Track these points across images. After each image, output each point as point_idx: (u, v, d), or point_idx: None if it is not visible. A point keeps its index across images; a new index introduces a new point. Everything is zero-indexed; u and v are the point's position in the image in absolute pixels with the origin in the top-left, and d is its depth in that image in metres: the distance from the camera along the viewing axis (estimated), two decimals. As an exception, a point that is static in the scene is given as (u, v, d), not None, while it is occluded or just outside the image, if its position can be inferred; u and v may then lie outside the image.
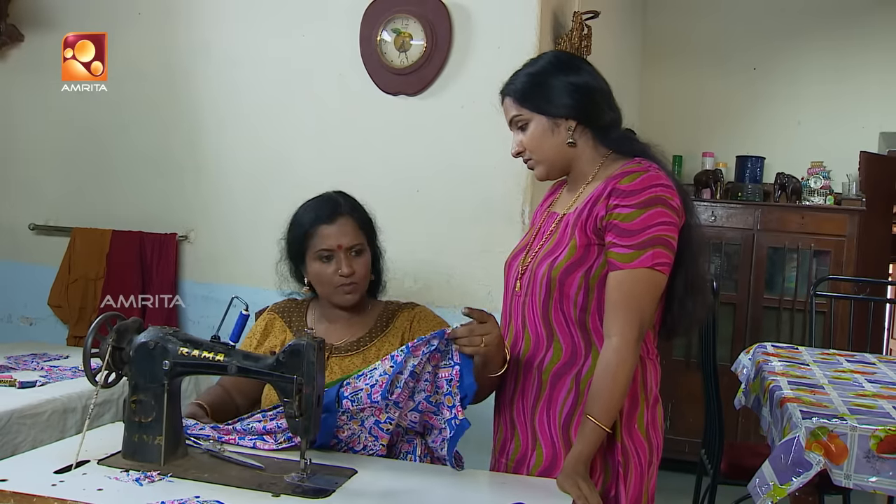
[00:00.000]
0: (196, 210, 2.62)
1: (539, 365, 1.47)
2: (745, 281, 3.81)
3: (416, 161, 2.38)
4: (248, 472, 1.35)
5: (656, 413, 1.49)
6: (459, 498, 1.35)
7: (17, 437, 1.73)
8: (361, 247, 1.66)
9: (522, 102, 1.48)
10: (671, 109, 4.34)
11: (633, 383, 1.43)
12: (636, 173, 1.40)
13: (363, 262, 1.66)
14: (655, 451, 1.48)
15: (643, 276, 1.37)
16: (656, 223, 1.37)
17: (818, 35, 4.17)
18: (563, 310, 1.44)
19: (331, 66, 2.46)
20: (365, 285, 1.68)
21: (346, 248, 1.63)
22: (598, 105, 1.48)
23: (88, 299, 2.65)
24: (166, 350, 1.37)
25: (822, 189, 3.81)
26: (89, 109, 2.71)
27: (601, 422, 1.36)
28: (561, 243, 1.45)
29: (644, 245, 1.37)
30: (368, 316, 1.71)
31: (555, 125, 1.47)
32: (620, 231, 1.38)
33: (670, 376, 3.69)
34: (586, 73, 1.49)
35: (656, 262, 1.37)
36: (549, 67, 1.48)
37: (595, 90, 1.48)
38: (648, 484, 1.48)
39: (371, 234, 1.71)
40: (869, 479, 1.68)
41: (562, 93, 1.46)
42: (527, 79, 1.48)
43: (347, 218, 1.66)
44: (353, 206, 1.70)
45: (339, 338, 1.67)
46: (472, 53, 2.31)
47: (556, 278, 1.43)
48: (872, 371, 2.43)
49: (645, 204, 1.37)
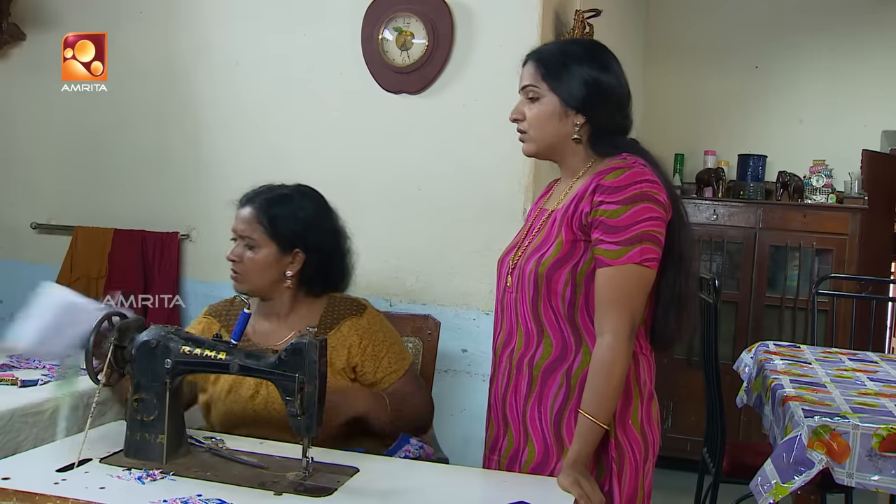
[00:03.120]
0: (198, 209, 2.62)
1: (530, 361, 1.47)
2: (746, 279, 3.81)
3: (417, 160, 2.38)
4: (249, 470, 1.35)
5: (651, 408, 1.49)
6: (461, 496, 1.35)
7: (19, 436, 1.73)
8: (253, 242, 1.63)
9: (545, 75, 1.46)
10: (673, 108, 4.33)
11: (626, 379, 1.43)
12: (620, 169, 1.40)
13: (253, 257, 1.63)
14: (651, 447, 1.48)
15: (632, 272, 1.37)
16: (643, 219, 1.37)
17: (820, 33, 4.15)
18: (552, 305, 1.44)
19: (332, 64, 2.46)
20: (257, 280, 1.64)
21: (239, 235, 1.65)
22: (612, 110, 1.48)
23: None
24: (168, 349, 1.37)
25: (824, 187, 3.80)
26: (91, 108, 2.70)
27: (598, 419, 1.36)
28: (548, 239, 1.46)
29: (632, 241, 1.37)
30: (310, 315, 1.68)
31: (565, 113, 1.46)
32: (607, 228, 1.38)
33: (672, 375, 3.70)
34: (615, 74, 1.48)
35: (644, 258, 1.37)
36: (584, 56, 1.46)
37: (616, 95, 1.48)
38: (644, 480, 1.47)
39: (283, 236, 1.64)
40: (871, 477, 1.67)
41: (583, 85, 1.44)
42: (559, 56, 1.47)
43: (252, 209, 1.65)
44: (267, 201, 1.65)
45: (278, 338, 1.66)
46: (474, 52, 2.31)
47: (543, 274, 1.43)
48: (875, 370, 2.42)
49: (630, 200, 1.37)
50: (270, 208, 1.65)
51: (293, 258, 1.66)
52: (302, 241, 1.65)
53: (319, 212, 1.70)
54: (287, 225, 1.64)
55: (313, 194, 1.72)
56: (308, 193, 1.72)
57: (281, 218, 1.64)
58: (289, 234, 1.64)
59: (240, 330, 1.41)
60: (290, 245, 1.65)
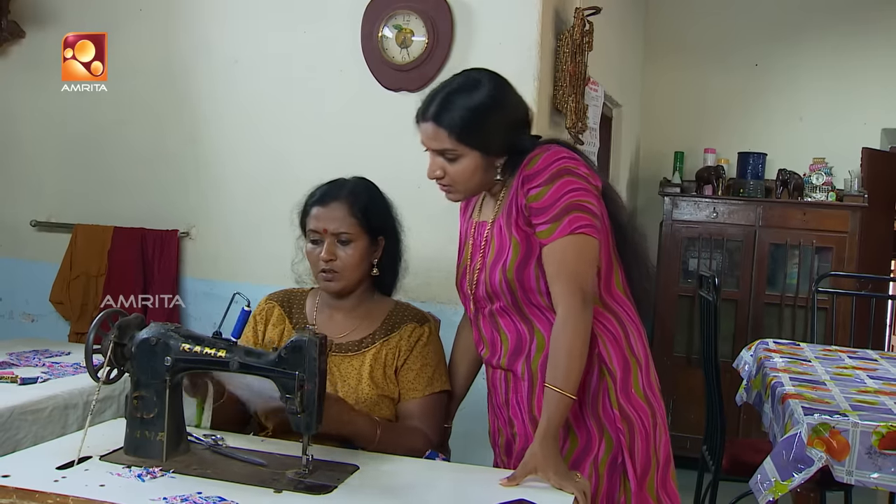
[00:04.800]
0: (197, 207, 2.62)
1: (526, 359, 1.49)
2: (746, 277, 3.81)
3: (416, 158, 2.34)
4: (249, 468, 1.35)
5: (650, 375, 1.51)
6: (461, 494, 1.35)
7: (19, 434, 1.73)
8: (349, 236, 1.60)
9: (460, 138, 1.44)
10: (673, 105, 4.33)
11: (619, 348, 1.46)
12: (537, 155, 1.45)
13: (350, 252, 1.60)
14: (659, 413, 1.49)
15: (567, 243, 1.40)
16: (565, 192, 1.41)
17: (820, 31, 4.15)
18: (533, 302, 1.46)
19: (332, 62, 2.45)
20: (352, 276, 1.62)
21: (331, 233, 1.60)
22: (526, 137, 1.51)
23: (90, 296, 2.65)
24: (168, 346, 1.37)
25: (824, 185, 3.80)
26: (90, 106, 2.70)
27: (565, 390, 1.36)
28: (503, 247, 1.48)
29: (558, 216, 1.40)
30: (374, 314, 1.67)
31: (488, 163, 1.47)
32: (536, 211, 1.42)
33: (671, 373, 3.70)
34: (519, 105, 1.51)
35: (576, 227, 1.40)
36: (489, 102, 1.44)
37: (527, 124, 1.52)
38: (658, 448, 1.48)
39: (374, 225, 1.64)
40: (871, 475, 1.68)
41: (501, 133, 1.46)
42: (467, 114, 1.43)
43: (340, 203, 1.61)
44: (353, 193, 1.63)
45: (339, 331, 1.64)
46: (474, 50, 2.31)
47: (513, 279, 1.45)
48: (874, 367, 2.43)
49: (551, 178, 1.41)
50: (359, 201, 1.63)
51: (378, 247, 1.66)
52: (383, 229, 1.67)
53: (385, 198, 1.72)
54: (376, 214, 1.65)
55: (373, 183, 1.72)
56: (371, 183, 1.71)
57: (370, 209, 1.64)
58: (378, 223, 1.65)
59: (240, 327, 1.41)
60: (377, 234, 1.65)
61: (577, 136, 2.56)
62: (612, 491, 1.45)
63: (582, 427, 1.46)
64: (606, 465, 1.45)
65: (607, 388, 1.45)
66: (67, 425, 1.84)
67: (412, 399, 1.61)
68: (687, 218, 3.88)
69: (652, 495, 1.48)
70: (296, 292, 1.76)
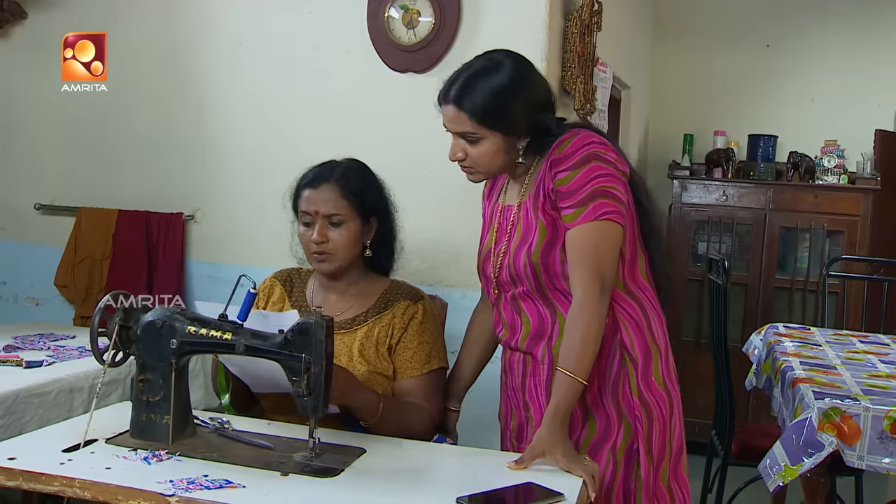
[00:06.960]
0: (202, 189, 2.61)
1: (548, 343, 1.48)
2: (756, 261, 3.78)
3: (423, 139, 2.35)
4: (256, 451, 1.35)
5: (669, 364, 1.51)
6: (468, 477, 1.34)
7: (24, 417, 1.73)
8: (341, 217, 1.60)
9: (482, 121, 1.43)
10: (682, 87, 4.28)
11: (641, 334, 1.46)
12: (567, 139, 1.44)
13: (342, 234, 1.60)
14: (675, 401, 1.50)
15: (591, 229, 1.40)
16: (593, 177, 1.40)
17: (832, 11, 4.09)
18: (557, 286, 1.46)
19: (338, 43, 2.42)
20: (345, 257, 1.62)
21: (322, 215, 1.59)
22: (550, 119, 1.49)
23: (95, 279, 2.64)
24: (174, 329, 1.37)
25: (835, 168, 3.75)
26: (94, 88, 2.68)
27: (577, 374, 1.36)
28: (529, 230, 1.47)
29: (584, 201, 1.40)
30: (369, 293, 1.67)
31: (510, 145, 1.46)
32: (563, 195, 1.42)
33: (680, 357, 3.65)
34: (541, 86, 1.49)
35: (601, 213, 1.39)
36: (510, 86, 1.43)
37: (550, 105, 1.50)
38: (673, 436, 1.49)
39: (366, 207, 1.63)
40: (882, 460, 1.66)
41: (523, 115, 1.45)
42: (488, 97, 1.42)
43: (332, 185, 1.61)
44: (344, 174, 1.63)
45: (333, 311, 1.62)
46: (481, 30, 2.27)
47: (538, 262, 1.45)
48: (886, 352, 2.40)
49: (579, 163, 1.41)
50: (350, 182, 1.63)
51: (371, 227, 1.66)
52: (376, 210, 1.66)
53: (377, 179, 1.71)
54: (368, 195, 1.65)
55: (364, 165, 1.71)
56: (363, 164, 1.71)
57: (362, 190, 1.64)
58: (370, 204, 1.65)
59: (245, 309, 1.40)
60: (369, 215, 1.65)
61: (586, 117, 2.53)
62: (627, 478, 1.45)
63: (601, 413, 1.45)
64: (624, 453, 1.44)
65: (628, 375, 1.44)
66: (73, 408, 1.84)
67: (410, 377, 1.62)
68: (696, 201, 3.85)
69: (664, 483, 1.47)
70: (300, 272, 1.76)
